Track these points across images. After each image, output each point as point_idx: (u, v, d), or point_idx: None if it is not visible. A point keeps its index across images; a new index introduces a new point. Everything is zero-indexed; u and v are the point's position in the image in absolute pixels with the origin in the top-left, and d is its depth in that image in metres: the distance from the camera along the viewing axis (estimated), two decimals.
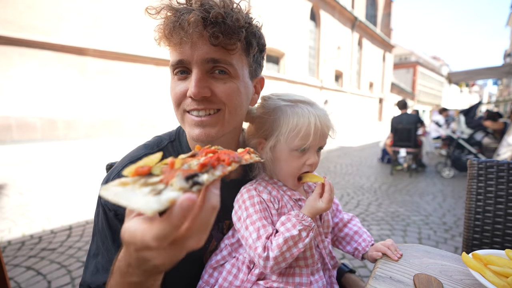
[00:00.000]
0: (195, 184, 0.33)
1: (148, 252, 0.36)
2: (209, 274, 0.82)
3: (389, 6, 34.24)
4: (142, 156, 0.77)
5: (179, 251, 0.36)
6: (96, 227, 0.71)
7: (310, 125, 0.75)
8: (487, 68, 8.20)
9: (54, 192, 4.26)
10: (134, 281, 0.44)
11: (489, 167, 1.09)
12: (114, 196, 0.31)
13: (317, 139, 0.77)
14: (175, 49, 0.66)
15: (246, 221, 0.74)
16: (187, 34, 0.61)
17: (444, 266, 0.77)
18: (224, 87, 0.68)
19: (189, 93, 0.66)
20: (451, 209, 3.87)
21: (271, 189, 0.81)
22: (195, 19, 0.59)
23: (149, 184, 0.33)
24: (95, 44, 9.60)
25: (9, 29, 8.01)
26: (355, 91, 25.54)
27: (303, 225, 0.71)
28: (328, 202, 0.75)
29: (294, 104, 0.80)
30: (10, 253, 2.49)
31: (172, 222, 0.32)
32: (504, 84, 23.59)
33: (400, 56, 58.07)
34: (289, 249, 0.69)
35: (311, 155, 0.79)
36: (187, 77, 0.69)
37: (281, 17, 16.12)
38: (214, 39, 0.62)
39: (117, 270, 0.47)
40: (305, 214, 0.74)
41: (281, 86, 16.55)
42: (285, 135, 0.77)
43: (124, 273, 0.45)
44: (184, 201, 0.30)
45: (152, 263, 0.38)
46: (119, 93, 10.39)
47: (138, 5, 10.27)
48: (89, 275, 0.67)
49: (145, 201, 0.29)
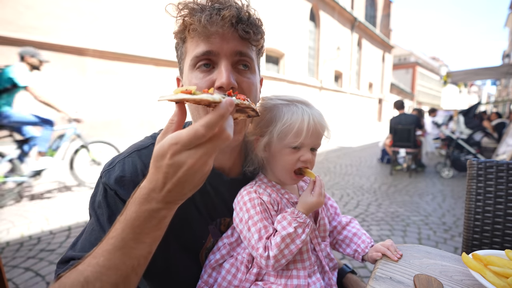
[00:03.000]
0: None
1: (185, 153, 0.43)
2: (208, 274, 0.82)
3: (389, 7, 34.32)
4: (149, 145, 0.79)
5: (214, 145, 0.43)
6: (91, 207, 0.70)
7: (303, 122, 0.77)
8: (485, 68, 8.22)
9: (53, 193, 4.25)
10: (152, 207, 0.47)
11: (489, 167, 1.09)
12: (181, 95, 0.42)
13: (310, 137, 0.79)
14: (203, 40, 0.67)
15: (248, 223, 0.75)
16: (223, 26, 0.65)
17: (444, 267, 0.77)
18: (247, 81, 0.73)
19: (219, 83, 0.67)
20: (451, 209, 3.87)
21: (271, 192, 0.83)
22: (231, 14, 0.64)
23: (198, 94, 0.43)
24: (95, 44, 9.59)
25: (8, 29, 7.99)
26: (355, 92, 25.57)
27: (298, 222, 0.72)
28: (318, 195, 0.76)
29: (290, 103, 0.83)
30: (9, 254, 2.49)
31: (220, 111, 0.41)
32: (502, 84, 23.67)
33: (399, 57, 58.17)
34: (287, 246, 0.71)
35: (305, 152, 0.80)
36: (211, 70, 0.70)
37: (281, 17, 16.13)
38: (245, 33, 0.68)
39: (136, 199, 0.48)
40: (300, 211, 0.75)
41: (281, 87, 16.56)
42: (279, 131, 0.79)
43: (144, 200, 0.47)
44: (228, 99, 0.42)
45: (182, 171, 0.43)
46: (119, 93, 10.38)
47: (138, 6, 10.28)
48: (75, 250, 0.64)
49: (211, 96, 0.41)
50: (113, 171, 0.71)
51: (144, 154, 0.76)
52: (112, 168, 0.72)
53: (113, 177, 0.69)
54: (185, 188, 0.46)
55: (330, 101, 21.64)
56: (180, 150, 0.42)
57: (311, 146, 0.82)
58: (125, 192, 0.68)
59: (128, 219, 0.48)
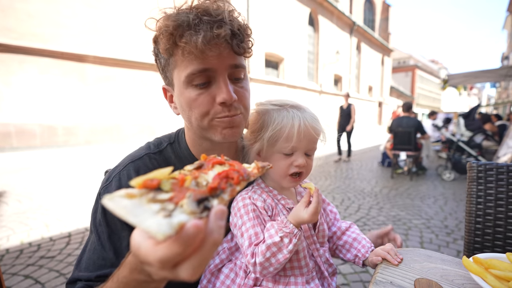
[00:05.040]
0: (205, 209, 0.33)
1: (148, 268, 0.37)
2: (207, 280, 0.82)
3: (387, 11, 34.59)
4: (143, 155, 0.80)
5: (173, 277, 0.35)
6: (93, 224, 0.72)
7: (293, 127, 0.77)
8: (485, 70, 8.24)
9: (53, 199, 4.24)
10: (141, 279, 0.46)
11: (489, 169, 1.09)
12: (121, 209, 0.29)
13: (302, 142, 0.78)
14: (195, 58, 0.65)
15: (241, 229, 0.76)
16: (219, 47, 0.65)
17: (445, 271, 0.76)
18: (243, 91, 0.75)
19: (221, 99, 0.68)
20: (453, 212, 3.85)
21: (266, 197, 0.82)
22: (227, 33, 0.64)
23: (158, 201, 0.32)
24: (95, 50, 9.68)
25: (9, 37, 8.08)
26: (355, 95, 25.62)
27: (284, 232, 0.70)
28: (311, 215, 0.72)
29: (282, 107, 0.82)
30: (8, 261, 2.47)
31: (177, 247, 0.30)
32: (502, 86, 23.72)
33: (398, 60, 58.43)
34: (273, 255, 0.70)
35: (298, 157, 0.79)
36: (208, 86, 0.70)
37: (280, 22, 16.28)
38: (239, 48, 0.68)
39: (127, 265, 0.48)
40: (289, 221, 0.73)
41: (281, 91, 16.63)
42: (269, 136, 0.79)
43: (133, 270, 0.47)
44: (192, 228, 0.29)
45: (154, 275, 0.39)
46: (119, 99, 10.44)
47: (138, 12, 10.38)
48: (80, 270, 0.68)
49: (157, 223, 0.28)
50: (110, 187, 0.73)
51: (138, 165, 0.78)
52: (109, 184, 0.74)
53: None
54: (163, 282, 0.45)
55: (330, 105, 21.68)
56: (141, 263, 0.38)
57: (305, 151, 0.80)
58: None
59: (121, 282, 0.50)
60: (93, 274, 0.66)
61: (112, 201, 0.30)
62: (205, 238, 0.32)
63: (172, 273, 0.34)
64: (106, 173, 0.91)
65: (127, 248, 0.67)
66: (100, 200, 0.72)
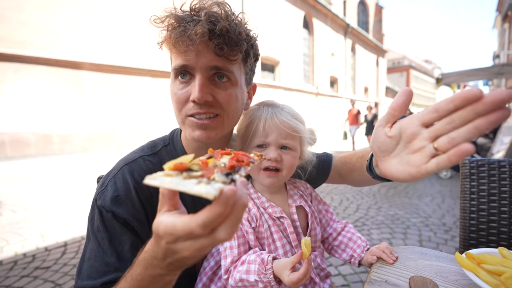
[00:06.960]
0: (232, 181, 0.38)
1: (180, 244, 0.39)
2: (203, 283, 0.82)
3: (380, 13, 35.03)
4: (137, 158, 0.79)
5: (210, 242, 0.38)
6: (91, 231, 0.70)
7: (260, 121, 0.80)
8: (477, 69, 8.34)
9: (49, 208, 4.19)
10: (156, 273, 0.46)
11: (480, 166, 1.10)
12: (168, 183, 0.35)
13: (270, 135, 0.79)
14: (179, 55, 0.69)
15: None
16: (193, 44, 0.65)
17: (439, 267, 0.76)
18: (225, 93, 0.73)
19: (193, 97, 0.69)
20: (450, 210, 3.86)
21: (252, 206, 0.82)
22: (203, 31, 0.63)
23: (193, 177, 0.37)
24: (91, 57, 9.67)
25: (3, 46, 8.05)
26: (351, 96, 25.80)
27: (260, 278, 0.68)
28: (292, 283, 0.64)
29: (258, 106, 0.86)
30: (2, 273, 2.43)
31: (218, 209, 0.35)
32: (495, 84, 24.02)
33: (393, 61, 59.03)
34: (245, 287, 0.72)
35: (269, 151, 0.79)
36: (189, 81, 0.72)
37: (275, 26, 16.40)
38: (219, 50, 0.67)
39: (141, 262, 0.48)
40: (271, 269, 0.68)
41: (277, 94, 16.68)
42: (245, 134, 0.82)
43: (148, 265, 0.47)
44: (229, 191, 0.34)
45: (179, 256, 0.41)
46: (116, 105, 10.41)
47: (133, 18, 10.41)
48: (82, 279, 0.66)
49: (204, 188, 0.34)
50: (106, 192, 0.71)
51: (133, 168, 0.77)
52: (105, 189, 0.72)
53: (108, 198, 0.69)
54: (185, 263, 0.45)
55: (326, 107, 21.79)
56: (174, 241, 0.40)
57: (278, 145, 0.80)
58: (122, 210, 0.69)
59: (135, 279, 0.50)
60: (98, 282, 0.64)
61: (155, 180, 0.36)
62: (236, 202, 0.36)
63: (211, 237, 0.37)
64: (99, 179, 0.90)
65: (129, 252, 0.67)
66: (96, 205, 0.71)
